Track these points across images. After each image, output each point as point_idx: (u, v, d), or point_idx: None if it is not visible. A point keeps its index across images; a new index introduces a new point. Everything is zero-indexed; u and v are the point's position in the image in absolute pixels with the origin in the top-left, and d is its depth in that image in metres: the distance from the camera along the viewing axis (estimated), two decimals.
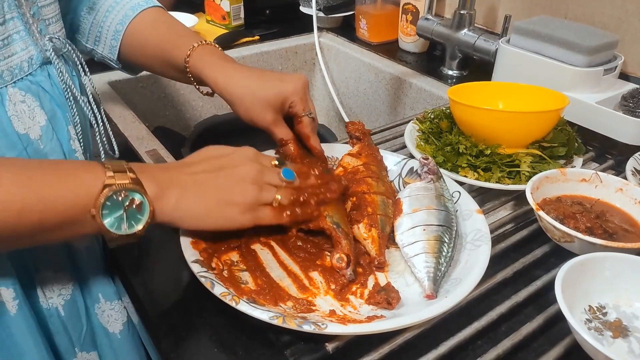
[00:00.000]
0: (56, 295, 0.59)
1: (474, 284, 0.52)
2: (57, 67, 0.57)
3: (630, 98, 0.83)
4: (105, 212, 0.47)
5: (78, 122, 0.60)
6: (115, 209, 0.48)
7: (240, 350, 0.50)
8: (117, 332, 0.65)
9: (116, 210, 0.48)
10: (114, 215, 0.48)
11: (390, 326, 0.48)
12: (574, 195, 0.66)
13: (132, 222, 0.49)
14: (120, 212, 0.48)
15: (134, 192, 0.48)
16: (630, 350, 0.49)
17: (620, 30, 0.93)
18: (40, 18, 0.56)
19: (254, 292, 0.52)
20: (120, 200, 0.48)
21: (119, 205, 0.48)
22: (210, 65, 0.68)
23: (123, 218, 0.48)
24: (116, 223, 0.48)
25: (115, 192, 0.47)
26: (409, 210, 0.62)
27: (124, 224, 0.48)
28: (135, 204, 0.49)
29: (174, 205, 0.51)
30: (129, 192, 0.48)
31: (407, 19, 1.22)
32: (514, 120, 0.72)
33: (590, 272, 0.53)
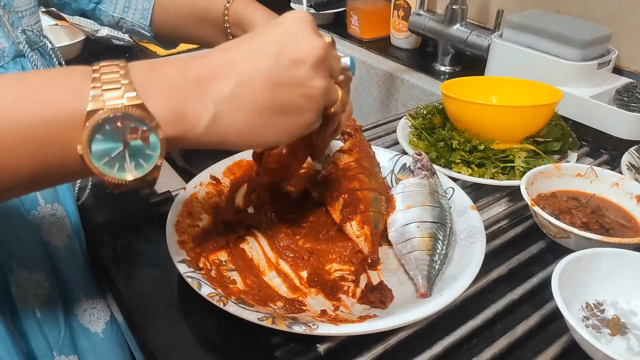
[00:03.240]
0: (31, 295, 0.57)
1: (468, 281, 0.51)
2: (31, 60, 0.55)
3: (625, 92, 0.83)
4: (96, 148, 0.33)
5: None
6: (110, 142, 0.34)
7: (229, 352, 0.48)
8: (99, 332, 0.63)
9: (111, 144, 0.34)
10: (109, 151, 0.34)
11: (383, 326, 0.47)
12: (569, 190, 0.65)
13: (140, 160, 0.35)
14: (117, 148, 0.34)
15: (135, 120, 0.34)
16: (629, 347, 0.48)
17: (613, 24, 0.93)
18: (12, 10, 0.54)
19: (243, 292, 0.51)
20: (117, 131, 0.34)
21: (115, 137, 0.34)
22: (248, 12, 0.63)
23: (125, 157, 0.34)
24: (117, 165, 0.34)
25: (107, 119, 0.33)
26: (402, 206, 0.61)
27: (128, 164, 0.35)
28: (140, 134, 0.34)
29: (206, 127, 0.36)
30: (126, 120, 0.34)
31: (399, 14, 1.21)
32: (507, 115, 0.71)
33: (587, 268, 0.52)
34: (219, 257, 0.56)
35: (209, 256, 0.55)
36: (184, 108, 0.35)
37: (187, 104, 0.35)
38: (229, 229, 0.58)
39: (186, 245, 0.54)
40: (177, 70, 0.36)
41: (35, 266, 0.57)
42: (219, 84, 0.36)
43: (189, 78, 0.36)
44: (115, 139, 0.34)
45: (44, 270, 0.58)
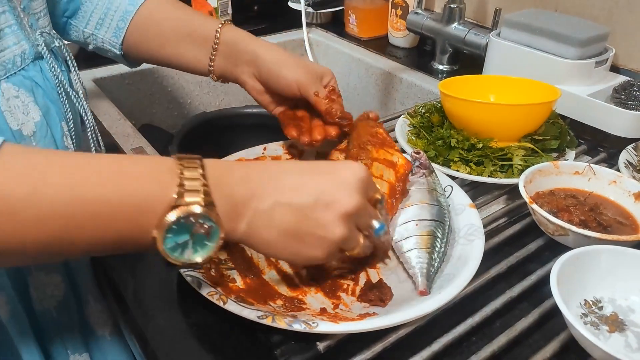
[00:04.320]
0: (49, 296, 0.57)
1: (467, 279, 0.51)
2: (48, 62, 0.56)
3: (622, 90, 0.83)
4: (169, 236, 0.40)
5: (70, 118, 0.58)
6: (181, 233, 0.40)
7: (229, 350, 0.48)
8: (106, 334, 0.64)
9: (182, 235, 0.40)
10: (178, 240, 0.40)
11: (383, 324, 0.47)
12: (567, 188, 0.66)
13: (198, 247, 0.42)
14: (185, 238, 0.41)
15: (206, 218, 0.40)
16: (627, 344, 0.48)
17: (610, 22, 0.93)
18: (30, 12, 0.54)
19: (243, 291, 0.51)
20: (188, 225, 0.40)
21: (185, 229, 0.40)
22: (246, 37, 0.67)
23: (188, 244, 0.41)
24: (179, 249, 0.41)
25: (183, 216, 0.39)
26: (401, 205, 0.61)
27: (189, 250, 0.41)
28: (205, 228, 0.41)
29: (244, 230, 0.43)
30: (199, 217, 0.40)
31: (397, 13, 1.21)
32: (505, 113, 0.71)
33: (585, 265, 0.52)
34: (218, 256, 0.56)
35: None
36: (236, 213, 0.43)
37: (238, 209, 0.43)
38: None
39: None
40: (242, 180, 0.43)
41: (51, 268, 0.58)
42: (262, 201, 0.43)
43: (247, 188, 0.43)
44: (186, 231, 0.40)
45: (60, 271, 0.58)
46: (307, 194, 0.44)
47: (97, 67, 1.06)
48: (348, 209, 0.44)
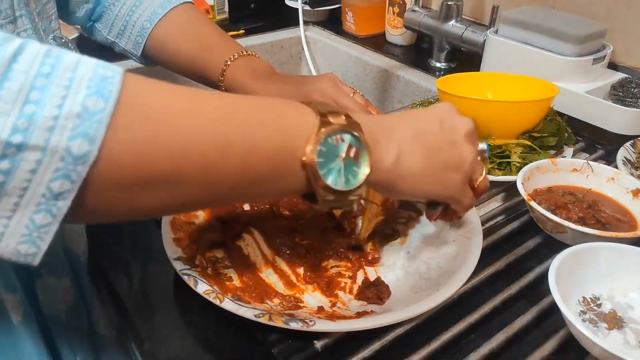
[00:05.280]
0: (59, 301, 0.57)
1: (466, 277, 0.51)
2: None
3: (620, 87, 0.83)
4: (320, 160, 0.38)
5: None
6: (330, 156, 0.38)
7: (226, 350, 0.48)
8: (114, 338, 0.63)
9: (331, 159, 0.38)
10: (328, 165, 0.38)
11: (380, 322, 0.46)
12: (565, 185, 0.65)
13: (349, 175, 0.39)
14: (335, 162, 0.38)
15: (352, 136, 0.39)
16: (626, 341, 0.48)
17: (608, 19, 0.93)
18: (44, 16, 0.54)
19: (239, 289, 0.50)
20: (336, 146, 0.38)
21: (334, 152, 0.38)
22: (249, 80, 0.68)
23: (340, 169, 0.38)
24: (331, 175, 0.38)
25: (331, 133, 0.38)
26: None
27: (341, 178, 0.38)
28: (353, 152, 0.39)
29: (394, 161, 0.42)
30: (345, 134, 0.38)
31: (394, 11, 1.21)
32: (503, 110, 0.71)
33: (584, 262, 0.52)
34: (215, 254, 0.55)
35: (205, 253, 0.55)
36: (379, 143, 0.41)
37: (381, 141, 0.42)
38: (225, 226, 0.58)
39: (182, 243, 0.54)
40: (371, 119, 0.44)
41: (62, 272, 0.57)
42: (402, 132, 0.43)
43: (381, 124, 0.43)
44: (335, 155, 0.38)
45: (69, 276, 0.58)
46: (432, 122, 0.45)
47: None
48: (469, 127, 0.46)
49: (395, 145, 0.42)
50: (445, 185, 0.45)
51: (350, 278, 0.54)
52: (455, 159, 0.45)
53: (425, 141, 0.44)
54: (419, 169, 0.43)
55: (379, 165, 0.41)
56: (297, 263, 0.55)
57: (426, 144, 0.44)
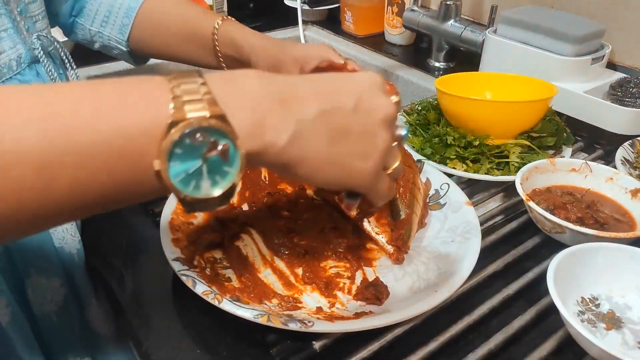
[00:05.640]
0: (49, 301, 0.57)
1: (464, 277, 0.51)
2: (45, 65, 0.55)
3: (619, 87, 0.83)
4: (174, 164, 0.31)
5: None
6: (189, 159, 0.31)
7: (225, 350, 0.48)
8: (108, 335, 0.63)
9: (191, 161, 0.31)
10: (188, 168, 0.31)
11: (379, 322, 0.46)
12: (564, 185, 0.65)
13: (216, 177, 0.32)
14: (196, 164, 0.31)
15: (217, 132, 0.31)
16: (624, 342, 0.48)
17: (607, 19, 0.93)
18: (27, 15, 0.54)
19: (238, 290, 0.50)
20: (196, 146, 0.31)
21: (194, 152, 0.31)
22: (243, 31, 0.68)
23: (202, 174, 0.32)
24: (193, 182, 0.32)
25: (188, 132, 0.30)
26: None
27: (205, 182, 0.32)
28: (219, 148, 0.32)
29: (283, 147, 0.34)
30: (208, 133, 0.31)
31: (393, 10, 1.21)
32: (502, 110, 0.71)
33: (582, 263, 0.52)
34: (213, 255, 0.55)
35: (203, 254, 0.55)
36: (265, 123, 0.34)
37: (269, 119, 0.34)
38: (224, 227, 0.58)
39: (180, 243, 0.54)
40: (260, 86, 0.35)
41: (52, 272, 0.57)
42: (303, 106, 0.35)
43: (272, 95, 0.35)
44: (194, 154, 0.31)
45: (59, 276, 0.58)
46: (348, 98, 0.38)
47: (92, 65, 1.05)
48: (388, 111, 0.39)
49: (293, 122, 0.35)
50: (350, 173, 0.38)
51: (349, 278, 0.54)
52: (365, 146, 0.38)
53: (332, 122, 0.37)
54: (318, 154, 0.36)
55: (269, 148, 0.34)
56: (296, 263, 0.55)
57: (332, 126, 0.37)
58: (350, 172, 0.38)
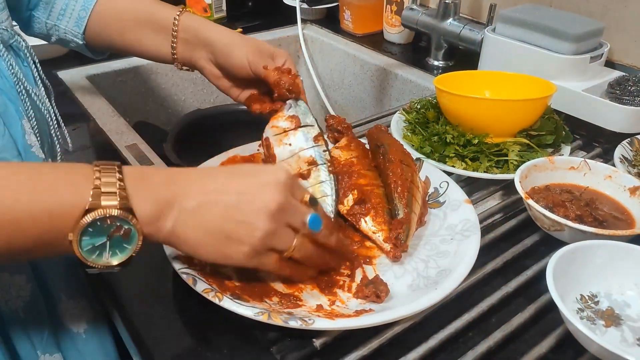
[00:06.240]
0: (14, 297, 0.56)
1: (463, 275, 0.51)
2: (6, 59, 0.54)
3: (617, 85, 0.83)
4: (85, 238, 0.41)
5: (33, 116, 0.56)
6: (97, 235, 0.41)
7: (225, 348, 0.48)
8: (82, 332, 0.62)
9: (98, 238, 0.41)
10: (96, 242, 0.41)
11: (379, 320, 0.47)
12: (562, 183, 0.66)
13: (117, 250, 0.42)
14: (102, 240, 0.42)
15: (122, 220, 0.41)
16: (623, 339, 0.48)
17: (605, 18, 0.93)
18: None
19: (238, 287, 0.50)
20: (105, 228, 0.41)
21: (102, 232, 0.41)
22: (202, 23, 0.68)
23: (106, 247, 0.42)
24: (97, 252, 0.42)
25: (98, 219, 0.40)
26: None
27: (107, 253, 0.42)
28: (123, 231, 0.42)
29: (169, 230, 0.44)
30: (115, 220, 0.41)
31: (392, 9, 1.21)
32: (501, 109, 0.71)
33: (581, 260, 0.52)
34: None
35: None
36: (158, 215, 0.43)
37: (161, 212, 0.43)
38: None
39: None
40: (164, 183, 0.45)
41: (16, 269, 0.56)
42: (187, 200, 0.44)
43: (170, 191, 0.44)
44: (102, 233, 0.41)
45: (25, 272, 0.57)
46: (231, 193, 0.45)
47: (91, 64, 1.05)
48: (270, 205, 0.45)
49: (175, 214, 0.44)
50: (225, 255, 0.46)
51: (349, 276, 0.54)
52: (240, 234, 0.45)
53: (207, 213, 0.45)
54: (194, 238, 0.45)
55: (155, 234, 0.44)
56: None
57: (207, 216, 0.44)
58: (224, 254, 0.46)
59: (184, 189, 0.45)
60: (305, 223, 0.47)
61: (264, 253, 0.46)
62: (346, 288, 0.53)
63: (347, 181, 0.62)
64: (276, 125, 0.65)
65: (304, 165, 0.61)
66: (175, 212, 0.44)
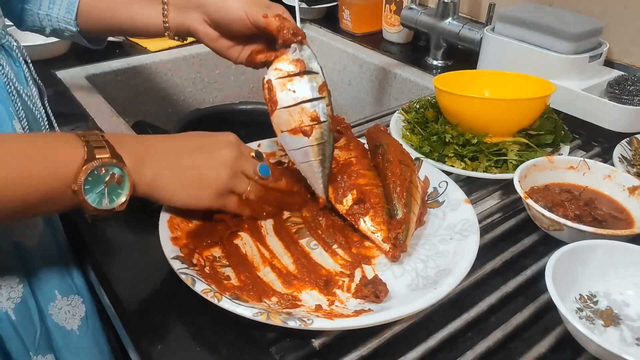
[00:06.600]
0: (5, 299, 0.56)
1: (463, 274, 0.51)
2: None
3: (616, 85, 0.83)
4: (86, 187, 0.47)
5: (24, 117, 0.56)
6: (96, 184, 0.47)
7: (224, 349, 0.48)
8: (75, 329, 0.62)
9: (97, 186, 0.48)
10: (95, 190, 0.48)
11: (378, 320, 0.47)
12: (562, 183, 0.66)
13: (113, 196, 0.49)
14: (101, 187, 0.48)
15: (114, 166, 0.48)
16: (622, 338, 0.48)
17: (605, 17, 0.93)
18: None
19: (237, 288, 0.50)
20: (101, 175, 0.47)
21: (99, 180, 0.48)
22: None
23: (104, 193, 0.48)
24: (97, 198, 0.48)
25: (96, 167, 0.47)
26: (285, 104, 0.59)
27: (105, 199, 0.48)
28: (116, 178, 0.48)
29: (150, 178, 0.52)
30: (109, 166, 0.48)
31: (391, 9, 1.21)
32: (500, 108, 0.71)
33: (580, 260, 0.52)
34: (212, 253, 0.55)
35: (202, 252, 0.55)
36: (139, 165, 0.51)
37: (141, 163, 0.51)
38: (223, 225, 0.58)
39: (180, 242, 0.54)
40: (136, 142, 0.53)
41: (7, 270, 0.56)
42: (160, 159, 0.53)
43: (143, 147, 0.53)
44: (99, 181, 0.48)
45: (17, 272, 0.57)
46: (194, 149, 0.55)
47: (90, 64, 1.05)
48: (228, 156, 0.56)
49: (153, 166, 0.52)
50: (199, 198, 0.55)
51: (348, 276, 0.54)
52: (208, 178, 0.55)
53: (179, 166, 0.54)
54: (170, 185, 0.53)
55: (139, 184, 0.51)
56: None
57: (179, 169, 0.54)
58: (197, 197, 0.55)
59: (153, 146, 0.53)
60: (256, 171, 0.58)
61: (227, 195, 0.56)
62: (345, 288, 0.53)
63: (346, 181, 0.62)
64: (280, 68, 0.59)
65: (306, 119, 0.58)
66: (153, 166, 0.52)
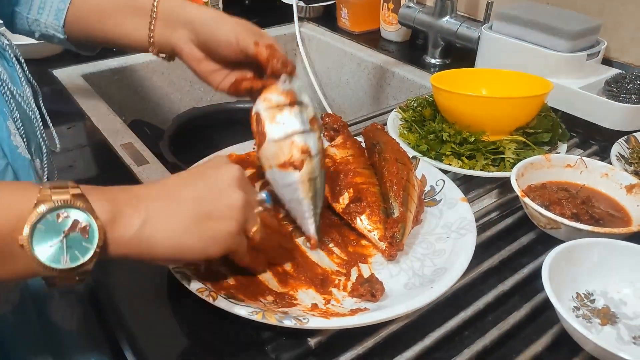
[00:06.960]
0: (3, 301, 0.55)
1: (459, 273, 0.51)
2: None
3: (614, 83, 0.83)
4: (37, 237, 0.36)
5: (18, 117, 0.55)
6: (50, 233, 0.37)
7: (220, 347, 0.48)
8: (73, 329, 0.62)
9: (52, 236, 0.37)
10: (48, 242, 0.37)
11: (374, 319, 0.46)
12: (559, 181, 0.65)
13: (76, 251, 0.37)
14: (57, 238, 0.37)
15: (76, 209, 0.37)
16: (619, 337, 0.48)
17: (602, 15, 0.93)
18: None
19: (233, 287, 0.50)
20: (58, 222, 0.37)
21: (56, 228, 0.37)
22: (183, 2, 0.64)
23: (62, 247, 0.37)
24: (53, 254, 0.37)
25: (49, 209, 0.36)
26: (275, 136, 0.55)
27: (64, 255, 0.37)
28: (80, 227, 0.37)
29: (138, 227, 0.40)
30: (68, 209, 0.37)
31: (389, 7, 1.20)
32: (497, 106, 0.71)
33: (577, 258, 0.52)
34: None
35: None
36: (120, 213, 0.39)
37: (124, 210, 0.40)
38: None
39: None
40: (119, 189, 0.42)
41: None
42: (152, 201, 0.42)
43: (126, 192, 0.42)
44: (56, 230, 0.37)
45: None
46: (193, 181, 0.45)
47: (86, 63, 1.05)
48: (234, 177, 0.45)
49: (143, 211, 0.40)
50: (215, 238, 0.43)
51: (344, 275, 0.54)
52: (220, 209, 0.43)
53: (181, 196, 0.43)
54: (176, 227, 0.41)
55: (121, 236, 0.39)
56: None
57: (184, 199, 0.42)
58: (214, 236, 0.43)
59: (143, 190, 0.43)
60: (262, 198, 0.49)
61: (240, 232, 0.45)
62: (341, 287, 0.52)
63: (342, 179, 0.62)
64: (269, 99, 0.56)
65: (296, 153, 0.55)
66: (142, 210, 0.41)
